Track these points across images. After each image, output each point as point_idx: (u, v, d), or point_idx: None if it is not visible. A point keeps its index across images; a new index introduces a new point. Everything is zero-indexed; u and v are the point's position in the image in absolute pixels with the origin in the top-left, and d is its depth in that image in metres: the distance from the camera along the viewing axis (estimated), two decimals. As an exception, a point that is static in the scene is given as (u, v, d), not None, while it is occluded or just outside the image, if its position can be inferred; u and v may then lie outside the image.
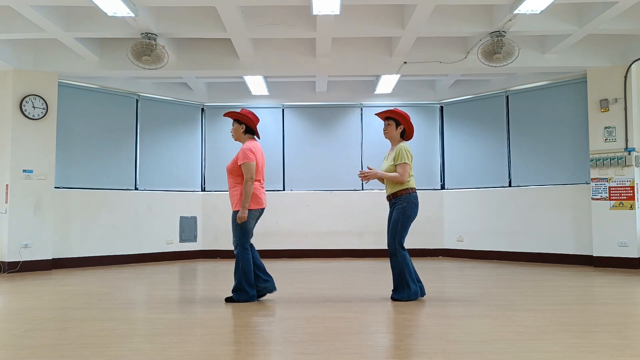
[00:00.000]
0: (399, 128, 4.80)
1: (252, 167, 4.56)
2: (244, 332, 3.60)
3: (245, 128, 4.79)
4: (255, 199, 4.61)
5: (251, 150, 4.61)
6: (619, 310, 4.18)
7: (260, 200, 4.66)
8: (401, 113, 4.80)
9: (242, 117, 4.76)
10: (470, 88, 8.94)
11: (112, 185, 8.18)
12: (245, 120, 4.77)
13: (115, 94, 8.35)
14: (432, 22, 6.31)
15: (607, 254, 7.14)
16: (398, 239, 4.61)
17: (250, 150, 4.61)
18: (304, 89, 9.35)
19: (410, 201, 4.61)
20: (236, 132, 4.81)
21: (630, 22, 6.30)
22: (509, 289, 5.34)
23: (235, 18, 5.92)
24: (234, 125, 4.82)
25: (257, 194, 4.64)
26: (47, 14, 5.82)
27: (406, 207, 4.60)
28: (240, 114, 4.77)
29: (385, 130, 4.85)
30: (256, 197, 4.62)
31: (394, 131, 4.80)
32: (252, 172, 4.55)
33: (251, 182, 4.54)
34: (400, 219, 4.60)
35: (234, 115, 4.80)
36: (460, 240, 8.92)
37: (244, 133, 4.80)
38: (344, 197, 9.22)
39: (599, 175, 7.24)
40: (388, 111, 4.83)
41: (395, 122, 4.80)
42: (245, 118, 4.76)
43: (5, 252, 7.00)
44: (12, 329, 3.70)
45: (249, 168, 4.55)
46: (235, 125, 4.81)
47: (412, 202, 4.61)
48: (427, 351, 3.04)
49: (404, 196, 4.62)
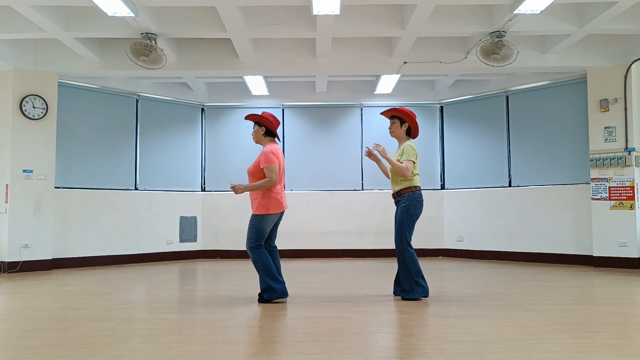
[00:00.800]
0: (404, 126, 4.81)
1: (275, 170, 4.54)
2: (244, 332, 3.60)
3: (265, 130, 4.78)
4: (276, 203, 4.60)
5: (273, 153, 4.59)
6: (619, 310, 4.18)
7: (280, 204, 4.64)
8: (405, 111, 4.81)
9: (262, 119, 4.74)
10: (470, 88, 8.94)
11: (112, 185, 8.19)
12: (266, 123, 4.74)
13: (115, 94, 8.35)
14: (432, 22, 6.31)
15: (607, 254, 7.14)
16: (404, 237, 4.62)
17: (272, 152, 4.59)
18: (304, 89, 9.35)
19: (414, 199, 4.62)
20: (257, 134, 4.80)
21: (630, 22, 6.30)
22: (509, 289, 5.34)
23: (235, 18, 5.92)
24: (255, 128, 4.80)
25: (278, 198, 4.61)
26: (47, 14, 5.82)
27: (409, 205, 4.61)
28: (261, 117, 4.75)
29: (391, 129, 4.86)
30: (276, 201, 4.60)
31: (399, 129, 4.81)
32: (276, 174, 4.54)
33: (271, 184, 4.52)
34: (405, 218, 4.61)
35: (254, 118, 4.78)
36: (460, 240, 8.92)
37: (264, 135, 4.79)
38: (344, 197, 9.22)
39: (599, 175, 7.24)
40: (392, 109, 4.85)
41: (399, 120, 4.81)
42: (266, 121, 4.74)
43: (5, 252, 7.00)
44: (12, 329, 3.70)
45: (273, 170, 4.54)
46: (256, 128, 4.80)
47: (415, 200, 4.62)
48: (427, 351, 3.04)
49: (407, 194, 4.63)
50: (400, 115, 4.81)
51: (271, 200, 4.58)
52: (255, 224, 4.60)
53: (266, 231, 4.63)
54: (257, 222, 4.59)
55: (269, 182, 4.52)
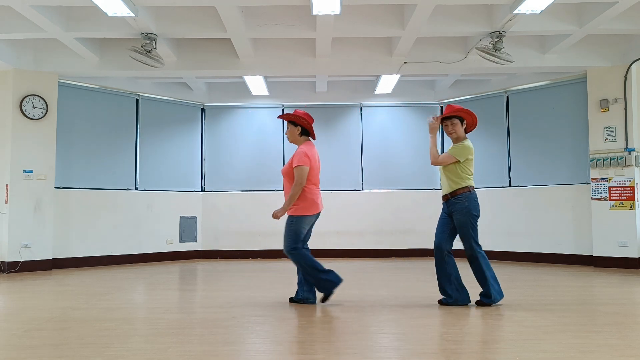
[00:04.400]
0: (464, 124, 4.56)
1: (304, 172, 4.41)
2: (244, 332, 3.60)
3: (301, 130, 4.62)
4: (312, 205, 4.47)
5: (307, 155, 4.46)
6: (619, 310, 4.18)
7: (317, 204, 4.51)
8: (462, 108, 4.54)
9: (297, 118, 4.57)
10: (470, 88, 8.94)
11: (112, 185, 8.18)
12: (302, 122, 4.58)
13: (115, 94, 8.34)
14: (432, 22, 6.30)
15: (607, 254, 7.14)
16: (474, 240, 4.42)
17: (306, 154, 4.46)
18: (304, 89, 9.34)
19: (472, 199, 4.39)
20: (292, 134, 4.64)
21: (630, 22, 6.29)
22: (509, 289, 5.34)
23: (235, 18, 5.92)
24: (289, 127, 4.64)
25: (314, 199, 4.48)
26: (47, 14, 5.82)
27: (470, 206, 4.39)
28: (295, 116, 4.58)
29: (451, 132, 4.53)
30: (313, 202, 4.47)
31: (461, 129, 4.53)
32: (303, 177, 4.40)
33: (300, 187, 4.39)
34: (469, 220, 4.39)
35: (288, 117, 4.62)
36: (460, 240, 8.90)
37: (299, 135, 4.63)
38: (344, 197, 9.21)
39: (599, 175, 7.24)
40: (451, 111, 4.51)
41: (459, 119, 4.52)
42: (301, 120, 4.56)
43: (5, 252, 6.99)
44: (12, 329, 3.70)
45: (302, 173, 4.40)
46: (291, 127, 4.63)
47: (474, 199, 4.40)
48: (427, 351, 3.04)
49: (464, 195, 4.39)
50: (460, 115, 4.51)
51: (307, 202, 4.45)
52: (292, 226, 4.45)
53: (303, 233, 4.49)
54: (294, 224, 4.45)
55: (297, 186, 4.39)
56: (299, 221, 4.45)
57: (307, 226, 4.52)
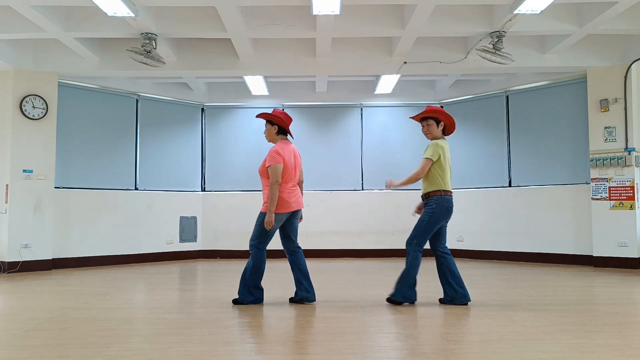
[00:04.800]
0: (440, 125, 4.59)
1: (278, 170, 4.43)
2: (244, 332, 3.60)
3: (278, 129, 4.67)
4: (282, 203, 4.47)
5: (278, 152, 4.48)
6: (619, 310, 4.18)
7: (288, 203, 4.51)
8: (438, 110, 4.60)
9: (274, 117, 4.63)
10: (470, 88, 8.94)
11: (112, 185, 8.18)
12: (278, 121, 4.63)
13: (115, 94, 8.34)
14: (432, 22, 6.30)
15: (607, 254, 7.14)
16: (418, 239, 4.44)
17: (277, 152, 4.48)
18: (304, 89, 9.34)
19: (441, 204, 4.42)
20: (269, 133, 4.69)
21: (630, 22, 6.29)
22: (509, 289, 5.34)
23: (235, 18, 5.92)
24: (267, 127, 4.69)
25: (285, 198, 4.49)
26: (47, 14, 5.82)
27: (436, 209, 4.41)
28: (272, 115, 4.63)
29: (427, 132, 4.61)
30: (283, 200, 4.48)
31: (436, 130, 4.58)
32: (277, 175, 4.42)
33: (277, 186, 4.42)
34: (426, 221, 4.42)
35: (266, 117, 4.67)
36: (460, 240, 8.92)
37: (276, 134, 4.67)
38: (344, 197, 9.22)
39: (599, 175, 7.24)
40: (425, 112, 4.61)
41: (435, 120, 4.58)
42: (277, 119, 4.62)
43: (5, 252, 7.00)
44: (12, 329, 3.70)
45: (275, 171, 4.42)
46: (268, 127, 4.68)
47: (444, 205, 4.42)
48: (427, 351, 3.04)
49: (434, 198, 4.44)
50: (435, 116, 4.56)
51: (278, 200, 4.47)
52: (260, 222, 4.53)
53: (272, 231, 4.53)
54: (261, 220, 4.51)
55: (273, 185, 4.42)
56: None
57: (277, 224, 4.54)
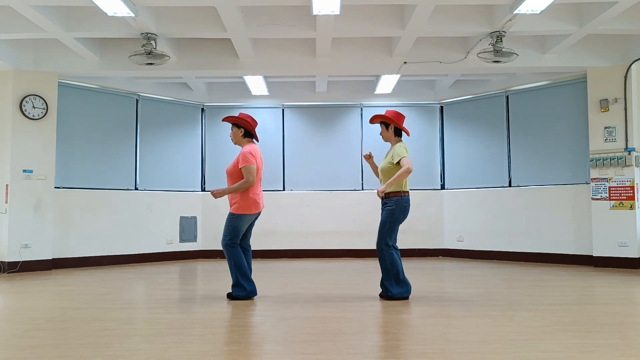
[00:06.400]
0: (390, 128, 4.89)
1: (253, 170, 4.66)
2: (244, 332, 3.60)
3: (244, 132, 4.88)
4: (254, 204, 4.72)
5: (251, 154, 4.70)
6: (619, 310, 4.18)
7: (257, 204, 4.76)
8: (387, 115, 4.87)
9: (240, 121, 4.86)
10: (470, 88, 8.94)
11: (112, 185, 8.18)
12: (244, 124, 4.86)
13: (115, 94, 8.34)
14: (432, 22, 6.30)
15: (607, 254, 7.14)
16: (384, 239, 4.67)
17: (250, 153, 4.70)
18: (304, 89, 9.34)
19: (400, 204, 4.67)
20: (235, 136, 4.92)
21: (630, 22, 6.29)
22: (509, 289, 5.34)
23: (235, 18, 5.92)
24: (233, 130, 4.92)
25: (256, 199, 4.73)
26: (47, 14, 5.82)
27: (395, 209, 4.66)
28: (239, 118, 4.86)
29: (381, 135, 4.99)
30: (254, 202, 4.72)
31: (387, 133, 4.92)
32: (253, 175, 4.64)
33: (248, 185, 4.63)
34: (388, 221, 4.66)
35: (232, 120, 4.90)
36: (460, 240, 8.92)
37: (243, 137, 4.90)
38: (344, 197, 9.21)
39: (599, 175, 7.24)
40: (376, 116, 4.94)
41: (384, 124, 4.91)
42: (244, 122, 4.85)
43: (5, 252, 7.00)
44: (12, 329, 3.70)
45: (250, 171, 4.65)
46: (234, 130, 4.91)
47: (402, 205, 4.68)
48: (427, 351, 3.04)
49: (394, 198, 4.68)
50: (384, 120, 4.89)
51: (249, 201, 4.69)
52: (232, 223, 4.71)
53: (242, 230, 4.77)
54: (234, 221, 4.71)
55: (246, 183, 4.63)
56: (239, 219, 4.71)
57: (246, 224, 4.77)
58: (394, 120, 4.86)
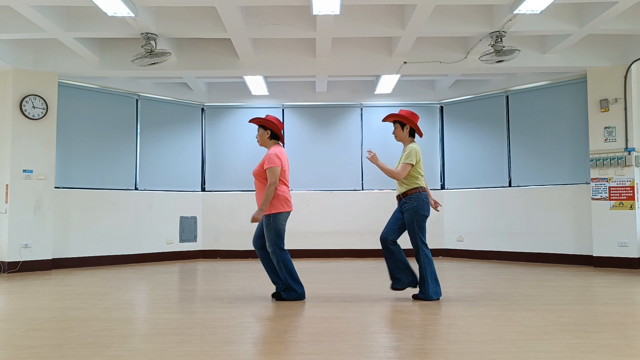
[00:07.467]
0: (406, 128, 4.86)
1: (277, 172, 4.66)
2: (244, 332, 3.60)
3: (270, 134, 4.88)
4: (286, 202, 4.73)
5: (277, 156, 4.71)
6: (619, 310, 4.18)
7: (289, 202, 4.78)
8: (403, 114, 4.85)
9: (267, 123, 4.85)
10: (470, 88, 8.94)
11: (112, 185, 8.18)
12: (271, 126, 4.86)
13: (115, 94, 8.35)
14: (432, 22, 6.30)
15: (607, 254, 7.14)
16: (420, 238, 4.67)
17: (276, 155, 4.71)
18: (304, 89, 9.35)
19: (421, 199, 4.66)
20: (262, 137, 4.90)
21: (630, 22, 6.29)
22: (509, 289, 5.34)
23: (235, 18, 5.92)
24: (259, 131, 4.91)
25: (287, 197, 4.75)
26: (47, 14, 5.82)
27: (418, 205, 4.65)
28: (266, 120, 4.86)
29: (394, 134, 4.92)
30: (286, 200, 4.73)
31: (402, 133, 4.87)
32: (276, 177, 4.65)
33: (274, 187, 4.63)
34: (416, 219, 4.65)
35: (259, 122, 4.88)
36: (460, 240, 8.92)
37: (269, 139, 4.89)
38: (344, 197, 9.22)
39: (599, 175, 7.24)
40: (392, 115, 4.90)
41: (400, 124, 4.87)
42: (271, 124, 4.85)
43: (5, 252, 7.00)
44: (12, 329, 3.70)
45: (274, 172, 4.65)
46: (261, 131, 4.90)
47: (423, 200, 4.67)
48: (427, 351, 3.04)
49: (414, 195, 4.67)
50: (400, 119, 4.86)
51: (280, 199, 4.69)
52: (272, 225, 4.67)
53: (283, 230, 4.72)
54: (272, 222, 4.67)
55: (271, 186, 4.62)
56: (276, 218, 4.68)
57: (285, 222, 4.75)
58: (411, 120, 4.84)
